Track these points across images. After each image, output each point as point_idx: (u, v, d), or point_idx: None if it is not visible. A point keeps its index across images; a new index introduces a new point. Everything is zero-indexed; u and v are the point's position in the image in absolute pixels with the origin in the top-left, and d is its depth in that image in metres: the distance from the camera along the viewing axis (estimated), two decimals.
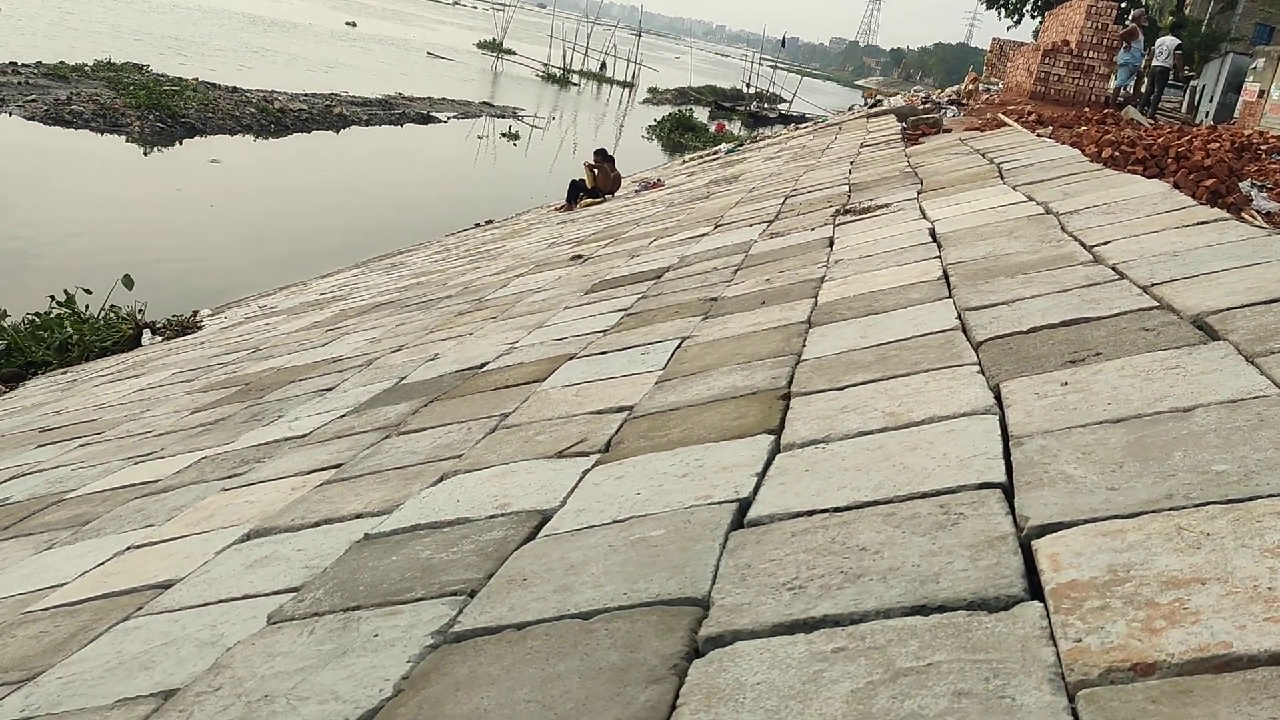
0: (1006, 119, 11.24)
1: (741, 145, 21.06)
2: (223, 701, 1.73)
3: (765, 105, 56.34)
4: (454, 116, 37.40)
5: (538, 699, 1.48)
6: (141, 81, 28.79)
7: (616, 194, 14.43)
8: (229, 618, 2.14)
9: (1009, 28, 42.71)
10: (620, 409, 3.07)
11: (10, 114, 23.46)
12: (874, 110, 19.80)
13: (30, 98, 24.72)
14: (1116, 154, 7.08)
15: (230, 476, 3.53)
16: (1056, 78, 17.12)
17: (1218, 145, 7.85)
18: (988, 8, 42.72)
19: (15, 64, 28.54)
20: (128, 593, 2.49)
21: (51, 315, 10.41)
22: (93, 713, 1.83)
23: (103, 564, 2.83)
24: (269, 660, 1.85)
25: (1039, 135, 9.00)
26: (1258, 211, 5.80)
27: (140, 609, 2.35)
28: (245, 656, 1.89)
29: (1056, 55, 17.19)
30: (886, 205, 5.98)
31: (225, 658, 1.91)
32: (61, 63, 29.69)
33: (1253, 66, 19.93)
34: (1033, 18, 41.16)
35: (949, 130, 11.48)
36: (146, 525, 3.15)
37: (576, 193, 14.28)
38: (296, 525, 2.70)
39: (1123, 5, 22.11)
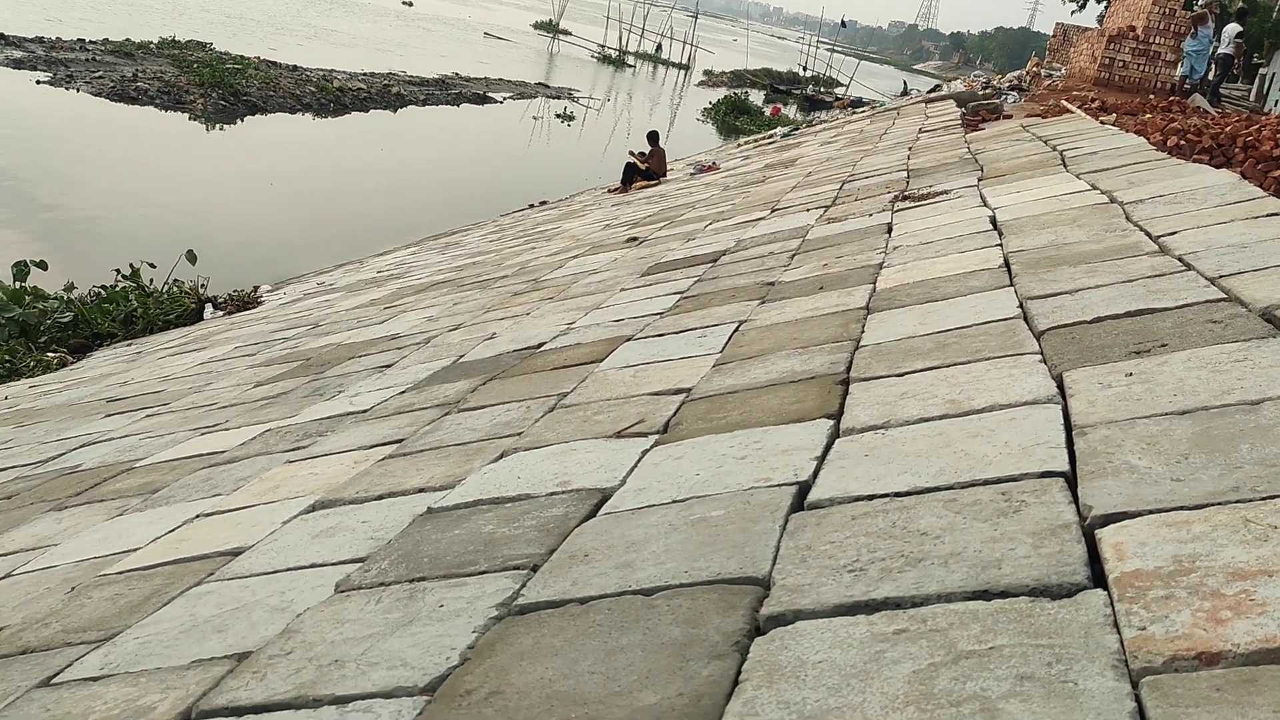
0: (1069, 105, 11.06)
1: (797, 129, 20.93)
2: (294, 664, 1.78)
3: (821, 89, 55.83)
4: (510, 97, 37.56)
5: (601, 670, 1.51)
6: (205, 59, 29.26)
7: (668, 176, 14.42)
8: (298, 585, 2.20)
9: (1073, 12, 41.94)
10: (678, 391, 3.10)
11: (79, 90, 23.96)
12: (933, 95, 19.56)
13: (98, 74, 25.23)
14: (1182, 143, 6.95)
15: (294, 449, 3.61)
16: (1121, 64, 16.78)
17: None
18: None
19: (83, 41, 29.15)
20: (199, 559, 2.57)
21: (117, 288, 10.67)
22: (169, 672, 1.89)
23: (173, 530, 2.91)
24: (338, 627, 1.90)
25: (1102, 123, 8.85)
26: None
27: (211, 575, 2.42)
28: (315, 622, 1.95)
29: (1122, 41, 16.84)
30: (946, 192, 5.93)
31: (295, 623, 1.97)
32: (128, 40, 30.25)
33: None
34: (1098, 2, 40.39)
35: (1010, 116, 11.32)
36: (214, 494, 3.24)
37: (631, 175, 14.30)
38: (360, 498, 2.76)
39: None
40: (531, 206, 17.08)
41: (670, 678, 1.45)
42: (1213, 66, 17.15)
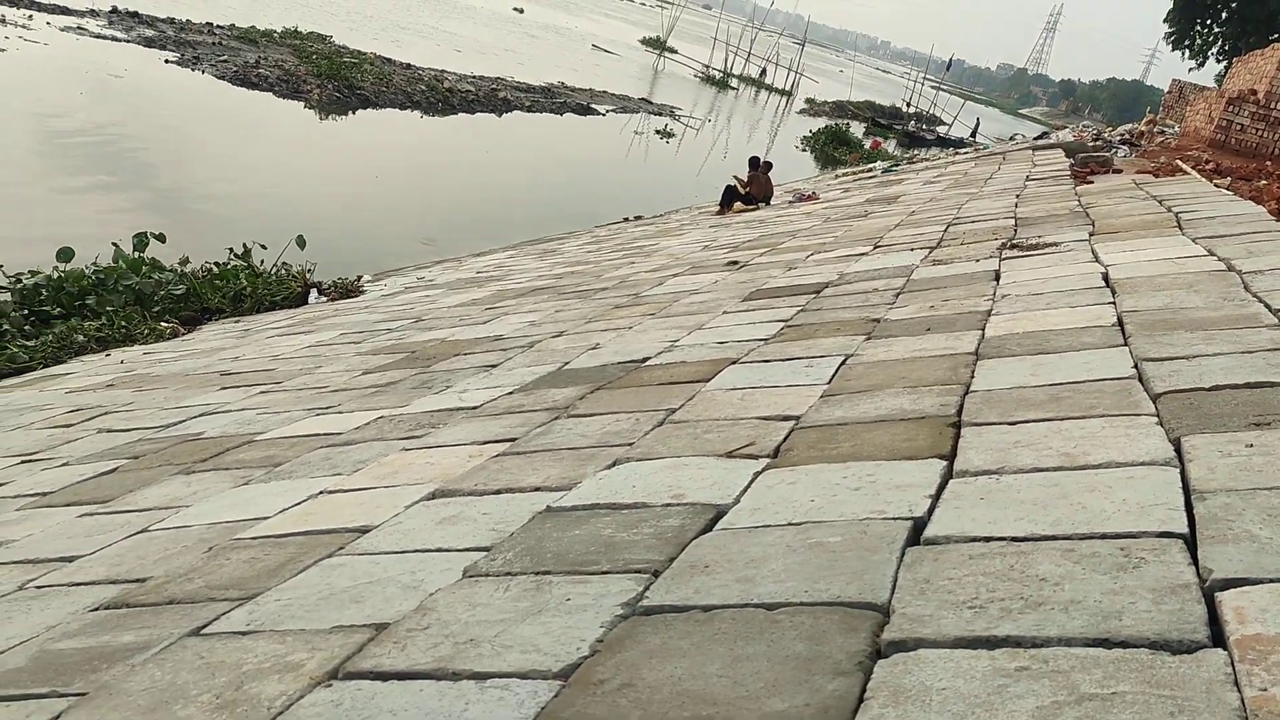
0: (1184, 165, 10.90)
1: (898, 165, 20.86)
2: (432, 639, 1.91)
3: (923, 126, 55.39)
4: (612, 110, 37.98)
5: (729, 675, 1.61)
6: (323, 51, 30.14)
7: (772, 203, 14.49)
8: (426, 566, 2.34)
9: (1191, 69, 41.09)
10: (787, 417, 3.18)
11: (203, 72, 24.87)
12: (1040, 143, 19.34)
13: (222, 58, 26.18)
14: None
15: (409, 437, 3.78)
16: (1239, 127, 16.45)
17: None
18: (1172, 48, 41.16)
19: (211, 25, 30.23)
20: (328, 532, 2.73)
21: (229, 266, 11.06)
22: (313, 634, 2.04)
23: (300, 504, 3.08)
24: (470, 609, 2.03)
25: (1216, 185, 8.73)
26: None
27: (342, 549, 2.57)
28: (448, 603, 2.08)
29: (1242, 104, 16.51)
30: (1056, 244, 5.93)
31: (429, 601, 2.11)
32: (253, 27, 31.29)
33: None
34: (1218, 61, 39.52)
35: (1119, 171, 11.20)
36: (335, 473, 3.41)
37: (731, 198, 14.39)
38: (479, 490, 2.90)
39: None
40: (626, 220, 17.29)
41: (796, 688, 1.54)
42: None
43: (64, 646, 2.22)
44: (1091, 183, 9.92)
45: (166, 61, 25.57)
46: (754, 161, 15.16)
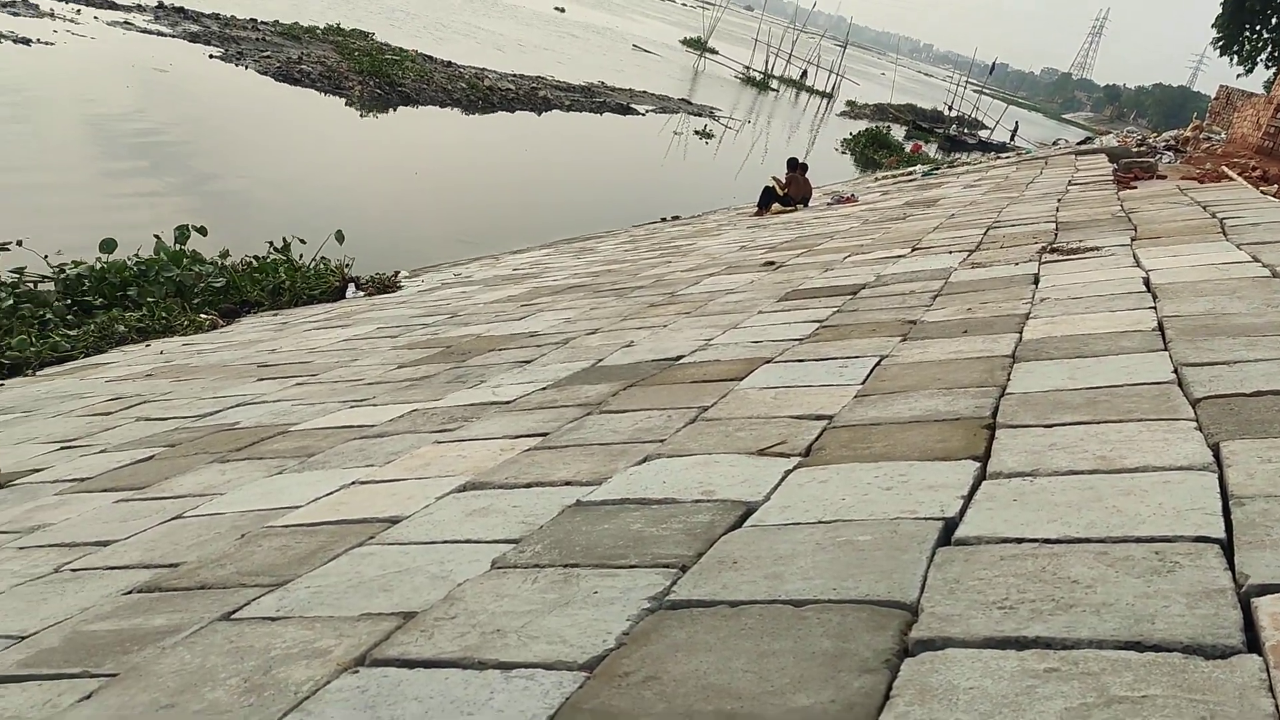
0: (1229, 172, 10.74)
1: (938, 168, 20.71)
2: (459, 629, 1.92)
3: (965, 130, 54.94)
4: (652, 110, 37.97)
5: (754, 670, 1.60)
6: (366, 48, 30.38)
7: (810, 204, 14.43)
8: (455, 557, 2.35)
9: (1239, 76, 40.33)
10: (819, 417, 3.17)
11: (247, 68, 25.14)
12: (1083, 148, 19.13)
13: (265, 54, 26.47)
14: None
15: (441, 431, 3.80)
16: None
17: None
18: (1220, 54, 40.50)
19: (255, 20, 30.56)
20: (359, 522, 2.74)
21: (268, 260, 11.17)
22: (341, 621, 2.05)
23: (331, 494, 3.11)
24: (498, 600, 2.03)
25: (1263, 192, 8.59)
26: None
27: (372, 538, 2.59)
28: (475, 593, 2.09)
29: None
30: (1097, 248, 5.86)
31: (457, 591, 2.11)
32: (296, 24, 31.59)
33: None
34: (1267, 68, 38.84)
35: (1164, 177, 11.06)
36: (367, 464, 3.43)
37: (769, 199, 14.34)
38: (510, 484, 2.91)
39: None
40: (664, 220, 17.29)
41: (822, 685, 1.53)
42: None
43: (97, 628, 2.25)
44: (1135, 188, 9.80)
45: (211, 57, 25.93)
46: (792, 163, 15.09)
